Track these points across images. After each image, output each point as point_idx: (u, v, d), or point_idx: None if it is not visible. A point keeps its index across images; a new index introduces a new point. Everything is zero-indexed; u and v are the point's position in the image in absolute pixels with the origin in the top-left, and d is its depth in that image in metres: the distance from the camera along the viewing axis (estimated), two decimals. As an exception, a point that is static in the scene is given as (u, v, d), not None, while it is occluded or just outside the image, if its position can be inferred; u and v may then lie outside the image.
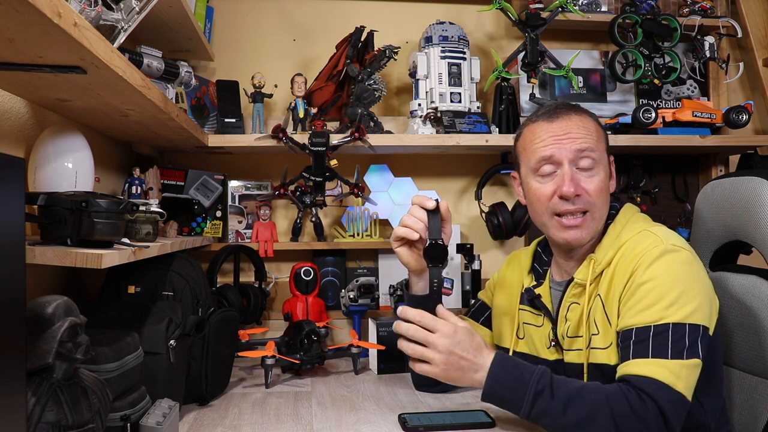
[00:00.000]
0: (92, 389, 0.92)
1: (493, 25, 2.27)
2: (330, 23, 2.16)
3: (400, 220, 1.29)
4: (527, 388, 1.11)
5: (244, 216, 2.08)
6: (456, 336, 1.16)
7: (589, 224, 1.24)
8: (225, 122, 1.94)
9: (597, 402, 1.07)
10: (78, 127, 1.32)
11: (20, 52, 0.91)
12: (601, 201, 1.25)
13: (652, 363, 1.09)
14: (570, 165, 1.23)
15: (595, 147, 1.25)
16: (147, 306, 1.30)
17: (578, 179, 1.23)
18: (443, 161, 2.21)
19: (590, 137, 1.25)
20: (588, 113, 1.30)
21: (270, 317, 2.03)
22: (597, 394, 1.09)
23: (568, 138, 1.24)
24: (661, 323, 1.11)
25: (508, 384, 1.13)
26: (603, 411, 1.06)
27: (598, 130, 1.29)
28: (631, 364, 1.11)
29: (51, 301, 0.88)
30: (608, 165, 1.29)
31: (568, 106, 1.30)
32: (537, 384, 1.11)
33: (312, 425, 1.24)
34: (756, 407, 1.30)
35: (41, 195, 1.04)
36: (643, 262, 1.16)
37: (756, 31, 2.22)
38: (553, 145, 1.24)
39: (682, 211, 2.24)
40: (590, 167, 1.24)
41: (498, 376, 1.14)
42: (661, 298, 1.12)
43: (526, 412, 1.11)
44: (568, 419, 1.08)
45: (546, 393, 1.10)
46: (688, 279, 1.15)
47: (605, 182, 1.26)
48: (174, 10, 1.62)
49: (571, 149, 1.23)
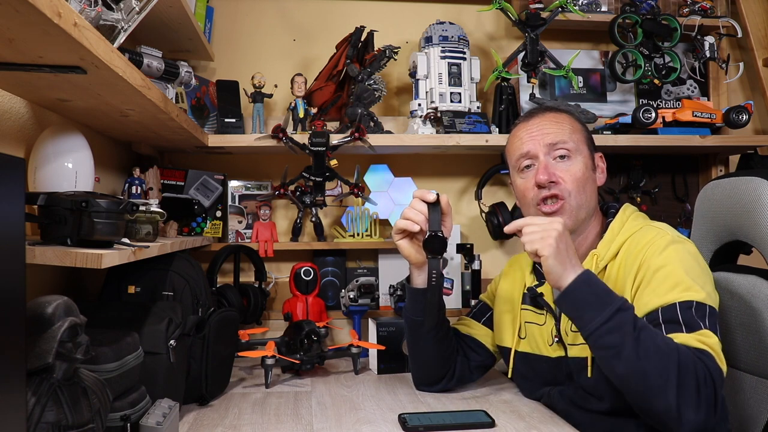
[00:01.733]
0: (92, 389, 0.92)
1: (493, 25, 2.27)
2: (330, 23, 2.16)
3: (401, 213, 1.33)
4: (612, 302, 1.11)
5: (244, 216, 2.08)
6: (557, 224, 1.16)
7: (566, 210, 1.29)
8: (225, 122, 1.94)
9: (670, 346, 1.07)
10: (78, 127, 1.32)
11: (20, 52, 0.91)
12: (578, 188, 1.30)
13: (692, 337, 1.10)
14: (545, 157, 1.32)
15: (569, 139, 1.32)
16: (147, 306, 1.30)
17: (553, 169, 1.30)
18: (443, 161, 2.21)
19: (562, 131, 1.33)
20: (565, 111, 1.39)
21: (270, 317, 2.02)
22: (670, 341, 1.08)
23: (541, 133, 1.33)
24: (685, 300, 1.13)
25: (596, 291, 1.13)
26: (672, 356, 1.06)
27: (573, 124, 1.36)
28: (675, 338, 1.10)
29: (51, 301, 0.88)
30: (589, 158, 1.35)
31: (545, 107, 1.41)
32: (623, 303, 1.11)
33: (312, 425, 1.24)
34: (756, 407, 1.30)
35: (41, 195, 1.04)
36: (653, 251, 1.20)
37: (756, 31, 2.22)
38: (528, 141, 1.34)
39: (682, 211, 2.24)
40: (565, 157, 1.31)
41: (587, 281, 1.13)
42: (679, 282, 1.15)
43: (600, 323, 1.09)
44: (641, 345, 1.06)
45: (629, 313, 1.10)
46: (699, 268, 1.21)
47: (583, 172, 1.31)
48: (174, 10, 1.62)
49: (544, 143, 1.32)
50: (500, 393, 1.47)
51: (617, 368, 1.09)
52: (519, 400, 1.40)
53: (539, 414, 1.30)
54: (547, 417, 1.28)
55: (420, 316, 1.37)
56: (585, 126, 1.39)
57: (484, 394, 1.46)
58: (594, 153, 1.37)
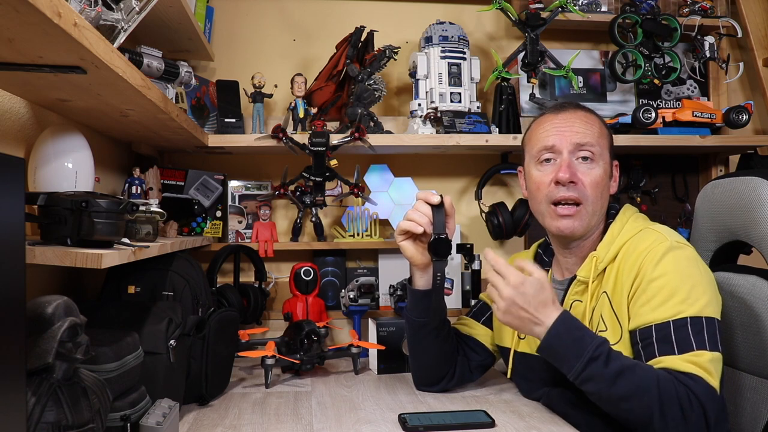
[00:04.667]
0: (92, 389, 0.92)
1: (493, 25, 2.27)
2: (330, 23, 2.16)
3: (404, 215, 1.32)
4: (584, 351, 1.12)
5: (244, 216, 2.08)
6: (521, 287, 1.16)
7: (582, 215, 1.28)
8: (225, 122, 1.94)
9: (647, 381, 1.08)
10: (78, 127, 1.32)
11: (20, 52, 0.91)
12: (596, 195, 1.28)
13: (682, 359, 1.10)
14: (569, 155, 1.29)
15: (596, 143, 1.29)
16: (147, 306, 1.30)
17: (575, 168, 1.28)
18: (443, 161, 2.21)
19: (591, 133, 1.29)
20: (595, 114, 1.35)
21: (270, 317, 2.02)
22: (649, 374, 1.09)
23: (570, 130, 1.29)
24: (679, 318, 1.13)
25: (567, 343, 1.14)
26: (652, 392, 1.07)
27: (602, 128, 1.33)
28: (663, 361, 1.12)
29: (51, 301, 0.88)
30: (609, 165, 1.33)
31: (576, 104, 1.36)
32: (595, 350, 1.12)
33: (312, 425, 1.24)
34: (756, 407, 1.30)
35: (41, 195, 1.04)
36: (650, 259, 1.18)
37: (756, 31, 2.22)
38: (555, 135, 1.30)
39: (682, 211, 2.24)
40: (588, 159, 1.28)
41: (558, 335, 1.15)
42: (674, 293, 1.14)
43: (576, 373, 1.12)
44: (616, 390, 1.09)
45: (601, 360, 1.11)
46: (697, 274, 1.18)
47: (603, 178, 1.29)
48: (174, 10, 1.62)
49: (572, 141, 1.28)
50: (500, 393, 1.47)
51: (603, 408, 1.14)
52: (519, 400, 1.40)
53: (539, 414, 1.30)
54: (547, 417, 1.28)
55: (421, 317, 1.37)
56: (611, 133, 1.36)
57: (484, 394, 1.46)
58: (613, 161, 1.35)
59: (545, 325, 1.16)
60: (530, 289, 1.17)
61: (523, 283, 1.17)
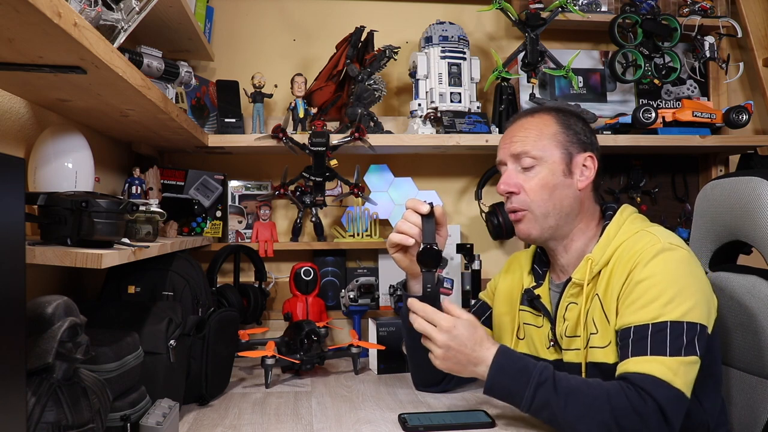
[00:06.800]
0: (92, 389, 0.92)
1: (493, 25, 2.27)
2: (330, 23, 2.16)
3: (395, 226, 1.32)
4: (529, 380, 1.12)
5: (244, 216, 2.08)
6: (454, 330, 1.17)
7: (529, 219, 1.29)
8: (225, 122, 1.94)
9: (598, 398, 1.08)
10: (78, 127, 1.32)
11: (20, 52, 0.91)
12: (542, 198, 1.27)
13: (650, 360, 1.09)
14: (513, 165, 1.31)
15: (533, 147, 1.28)
16: (147, 306, 1.30)
17: (517, 179, 1.29)
18: (443, 161, 2.21)
19: (526, 139, 1.29)
20: (543, 113, 1.33)
21: (270, 317, 2.03)
22: (598, 390, 1.09)
23: (509, 141, 1.33)
24: (659, 321, 1.11)
25: (511, 375, 1.14)
26: (603, 407, 1.07)
27: (543, 128, 1.30)
28: (630, 362, 1.11)
29: (51, 301, 0.88)
30: (561, 162, 1.28)
31: (526, 111, 1.38)
32: (540, 376, 1.12)
33: (312, 425, 1.24)
34: (755, 407, 1.30)
35: (41, 195, 1.04)
36: (641, 260, 1.17)
37: (756, 31, 2.22)
38: (501, 149, 1.34)
39: (682, 211, 2.24)
40: (530, 167, 1.29)
41: (500, 369, 1.15)
42: (658, 296, 1.13)
43: (528, 404, 1.12)
44: (569, 413, 1.08)
45: (548, 385, 1.11)
46: (686, 277, 1.16)
47: (547, 180, 1.27)
48: (174, 10, 1.62)
49: (510, 152, 1.31)
50: (500, 393, 1.47)
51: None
52: (519, 400, 1.40)
53: (539, 414, 1.30)
54: (547, 417, 1.28)
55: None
56: (566, 127, 1.31)
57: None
58: (579, 154, 1.29)
59: (486, 362, 1.16)
60: (463, 330, 1.17)
61: (455, 326, 1.18)
